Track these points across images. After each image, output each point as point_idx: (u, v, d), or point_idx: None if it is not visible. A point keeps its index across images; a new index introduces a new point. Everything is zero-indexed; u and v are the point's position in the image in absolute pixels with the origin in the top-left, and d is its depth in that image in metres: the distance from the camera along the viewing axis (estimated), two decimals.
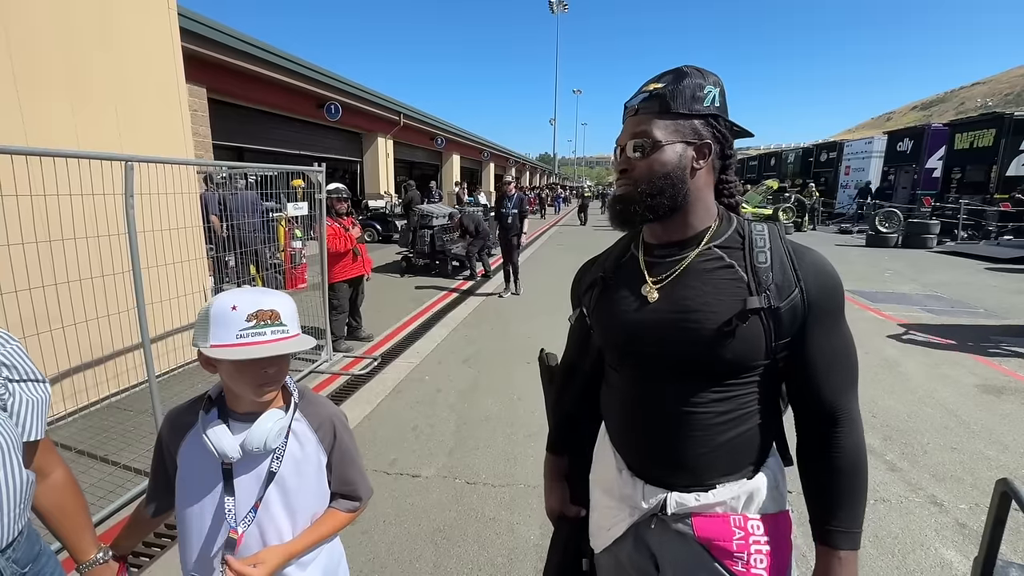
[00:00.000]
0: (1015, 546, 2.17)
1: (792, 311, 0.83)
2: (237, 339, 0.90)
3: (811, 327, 0.84)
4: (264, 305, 0.94)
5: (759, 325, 0.82)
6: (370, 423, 3.44)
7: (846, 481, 0.85)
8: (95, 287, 2.90)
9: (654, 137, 0.86)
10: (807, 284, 0.84)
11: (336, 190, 4.76)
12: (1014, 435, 3.24)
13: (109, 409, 3.52)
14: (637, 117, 0.89)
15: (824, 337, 0.85)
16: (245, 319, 0.91)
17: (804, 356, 0.86)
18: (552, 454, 1.24)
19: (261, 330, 0.92)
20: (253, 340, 0.91)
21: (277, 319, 0.94)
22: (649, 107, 0.88)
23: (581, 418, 1.19)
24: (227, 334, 0.90)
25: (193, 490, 1.00)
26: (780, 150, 29.71)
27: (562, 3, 39.78)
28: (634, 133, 0.88)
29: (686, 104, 0.86)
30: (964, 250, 11.55)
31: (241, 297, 0.93)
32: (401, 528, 2.38)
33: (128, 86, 3.75)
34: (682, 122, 0.86)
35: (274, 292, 0.99)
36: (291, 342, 0.95)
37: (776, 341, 0.84)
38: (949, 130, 16.07)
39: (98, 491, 2.54)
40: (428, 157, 23.25)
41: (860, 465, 0.86)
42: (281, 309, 0.95)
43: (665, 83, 0.87)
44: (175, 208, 3.42)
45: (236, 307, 0.92)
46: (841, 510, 0.85)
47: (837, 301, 0.86)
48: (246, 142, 11.60)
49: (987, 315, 6.20)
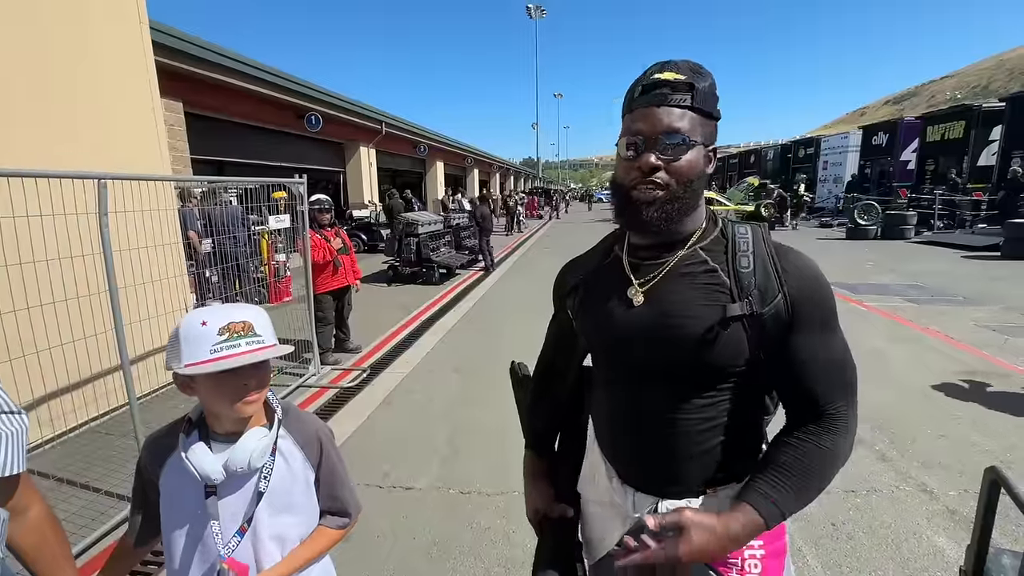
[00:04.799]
0: (1004, 530, 2.20)
1: (775, 317, 0.80)
2: (211, 354, 0.88)
3: (798, 333, 0.80)
4: (235, 318, 0.92)
5: (741, 332, 0.80)
6: (361, 436, 3.39)
7: (809, 465, 0.78)
8: (70, 309, 2.81)
9: (689, 135, 0.79)
10: (791, 289, 0.80)
11: (318, 201, 4.72)
12: (997, 420, 3.29)
13: (89, 434, 3.42)
14: (669, 108, 0.79)
15: (813, 344, 0.81)
16: (217, 333, 0.89)
17: (793, 363, 0.81)
18: (532, 451, 1.17)
19: (235, 342, 0.90)
20: (228, 353, 0.89)
21: (250, 330, 0.93)
22: (682, 99, 0.79)
23: (561, 421, 1.16)
24: (200, 351, 0.88)
25: (177, 516, 0.97)
26: (760, 147, 30.18)
27: (540, 9, 40.11)
28: (669, 127, 0.79)
29: (710, 103, 0.81)
30: (941, 239, 11.82)
31: (210, 313, 0.92)
32: (396, 542, 2.33)
33: (99, 102, 3.66)
34: (706, 121, 0.82)
35: (244, 305, 0.98)
36: (268, 351, 0.93)
37: (760, 347, 0.81)
38: (922, 123, 16.48)
39: (80, 519, 2.46)
40: (412, 165, 23.17)
41: (828, 465, 0.80)
42: (254, 320, 0.94)
43: (688, 76, 0.80)
44: (153, 225, 3.34)
45: (206, 323, 0.90)
46: (785, 487, 0.78)
47: (825, 306, 0.82)
48: (226, 155, 11.44)
49: (966, 302, 6.34)
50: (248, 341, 0.91)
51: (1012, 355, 4.47)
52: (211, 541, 0.94)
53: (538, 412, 1.17)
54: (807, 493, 0.79)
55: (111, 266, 2.55)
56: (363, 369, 4.59)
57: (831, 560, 2.14)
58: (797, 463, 0.79)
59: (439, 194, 23.22)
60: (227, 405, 0.93)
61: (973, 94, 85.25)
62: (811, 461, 0.79)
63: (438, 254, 9.13)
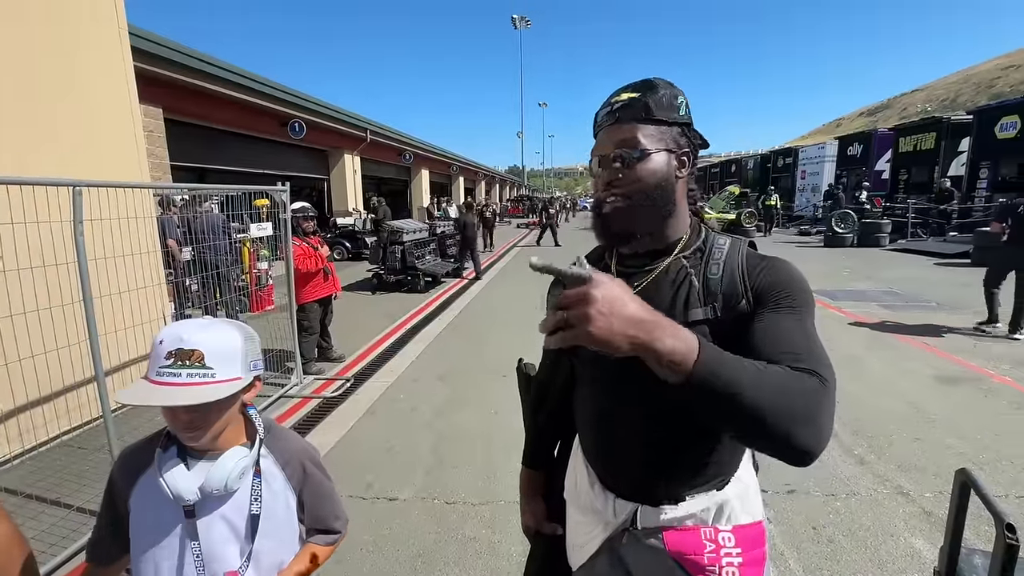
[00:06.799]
0: (977, 530, 2.25)
1: (738, 320, 0.78)
2: (156, 376, 0.83)
3: (766, 318, 0.75)
4: (187, 343, 0.84)
5: (705, 336, 0.78)
6: (344, 447, 3.34)
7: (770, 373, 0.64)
8: (42, 319, 2.74)
9: (642, 144, 0.82)
10: (756, 285, 0.79)
11: (302, 209, 4.67)
12: (970, 423, 3.39)
13: (61, 448, 3.30)
14: (619, 125, 0.84)
15: (783, 326, 0.73)
16: (165, 356, 0.83)
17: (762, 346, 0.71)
18: (528, 468, 1.21)
19: (176, 371, 0.82)
20: (167, 380, 0.82)
21: (199, 360, 0.84)
22: (631, 114, 0.83)
23: (556, 433, 1.18)
24: (152, 368, 0.84)
25: (149, 537, 0.92)
26: (740, 157, 30.79)
27: (524, 19, 40.51)
28: (620, 141, 0.83)
29: (666, 111, 0.83)
30: (914, 247, 12.18)
31: (173, 329, 0.86)
32: (379, 555, 2.30)
33: (76, 107, 3.59)
34: (665, 128, 0.84)
35: (216, 327, 0.90)
36: (206, 388, 0.83)
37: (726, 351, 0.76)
38: (894, 134, 16.99)
39: (50, 538, 2.37)
40: (397, 173, 23.09)
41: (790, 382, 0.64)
42: (208, 348, 0.85)
43: (640, 92, 0.84)
44: (130, 233, 3.27)
45: (163, 341, 0.84)
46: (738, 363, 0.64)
47: (795, 293, 0.76)
48: (207, 162, 11.27)
49: (939, 308, 6.53)
50: (191, 373, 0.83)
51: (983, 359, 4.61)
52: (190, 567, 0.90)
53: (538, 421, 1.19)
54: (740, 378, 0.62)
55: (86, 275, 2.49)
56: (347, 379, 4.53)
57: (812, 564, 2.17)
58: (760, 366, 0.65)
59: (424, 202, 23.18)
60: (174, 431, 0.89)
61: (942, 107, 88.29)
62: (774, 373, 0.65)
63: (423, 262, 9.09)
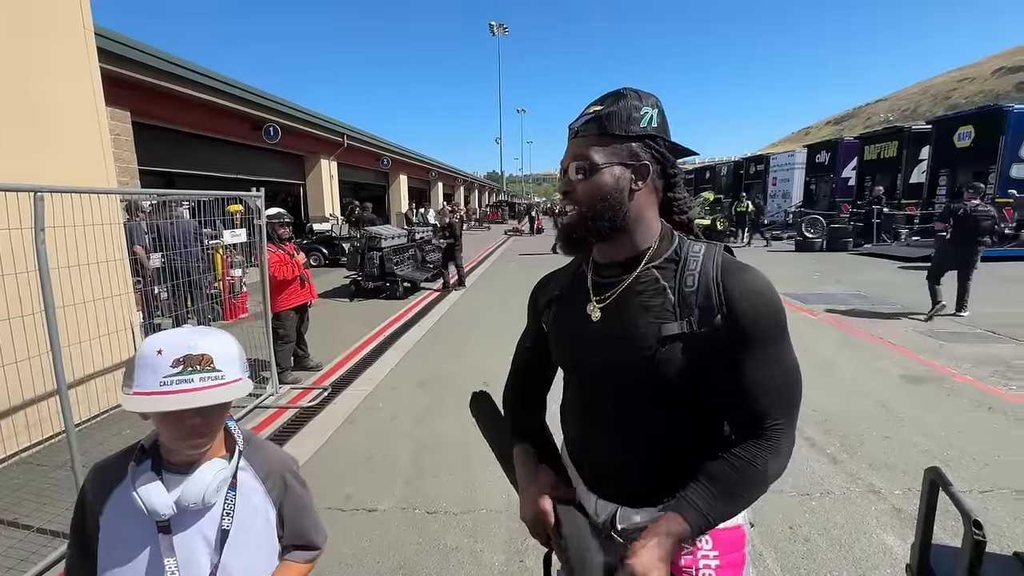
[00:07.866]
0: (944, 525, 2.33)
1: (713, 335, 0.81)
2: (160, 386, 0.82)
3: (742, 350, 0.81)
4: (195, 349, 0.85)
5: (679, 350, 0.81)
6: (322, 457, 3.27)
7: (739, 480, 0.80)
8: (0, 331, 2.61)
9: (592, 160, 0.86)
10: (732, 306, 0.81)
11: (277, 215, 4.57)
12: (935, 421, 3.51)
13: (20, 466, 3.15)
14: (577, 140, 0.89)
15: (757, 360, 0.81)
16: (170, 364, 0.83)
17: (736, 379, 0.82)
18: (519, 443, 1.05)
19: (188, 376, 0.83)
20: (177, 388, 0.82)
21: (209, 364, 0.86)
22: (588, 130, 0.88)
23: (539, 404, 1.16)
24: (150, 380, 0.82)
25: (120, 554, 0.88)
26: (714, 164, 31.45)
27: (502, 26, 40.78)
28: (574, 156, 0.89)
29: (622, 126, 0.86)
30: (879, 251, 12.63)
31: (171, 338, 0.86)
32: (359, 569, 2.25)
33: (38, 109, 3.45)
34: (618, 145, 0.87)
35: (213, 332, 0.91)
36: (222, 390, 0.86)
37: (703, 365, 0.82)
38: (860, 143, 17.61)
39: (9, 560, 2.26)
40: (375, 178, 22.89)
41: (757, 483, 0.81)
42: (215, 352, 0.87)
43: (604, 105, 0.88)
44: (96, 240, 3.15)
45: (162, 351, 0.84)
46: (712, 498, 0.80)
47: (771, 322, 0.82)
48: (177, 167, 10.97)
49: (903, 309, 6.77)
50: (203, 376, 0.84)
51: (947, 359, 4.79)
52: None
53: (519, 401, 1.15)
54: (733, 506, 0.82)
55: (47, 284, 2.38)
56: (324, 387, 4.44)
57: (789, 563, 2.21)
58: (728, 476, 0.81)
59: (403, 207, 23.02)
60: (175, 441, 0.88)
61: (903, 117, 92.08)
62: (741, 477, 0.81)
63: (402, 268, 9.01)
